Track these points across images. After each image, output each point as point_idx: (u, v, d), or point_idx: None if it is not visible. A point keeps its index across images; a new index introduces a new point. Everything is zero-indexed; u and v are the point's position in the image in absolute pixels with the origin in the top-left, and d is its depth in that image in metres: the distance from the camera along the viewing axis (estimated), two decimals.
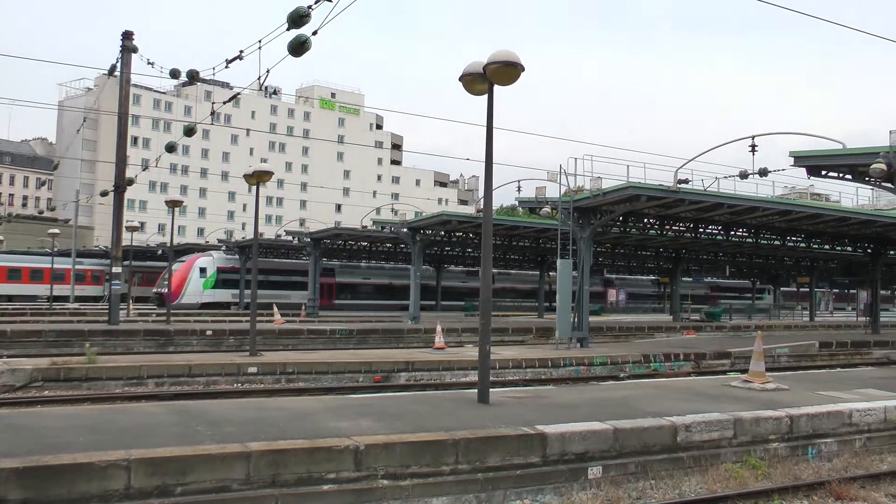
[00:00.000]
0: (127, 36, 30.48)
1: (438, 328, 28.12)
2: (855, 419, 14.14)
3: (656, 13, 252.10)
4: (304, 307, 49.89)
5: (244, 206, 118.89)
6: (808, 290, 65.77)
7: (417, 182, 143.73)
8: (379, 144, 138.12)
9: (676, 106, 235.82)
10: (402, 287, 56.62)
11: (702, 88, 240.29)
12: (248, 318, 23.05)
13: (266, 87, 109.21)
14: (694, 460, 11.87)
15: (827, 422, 13.70)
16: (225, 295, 59.23)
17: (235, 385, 20.46)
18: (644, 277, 76.92)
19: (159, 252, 64.89)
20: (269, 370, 21.52)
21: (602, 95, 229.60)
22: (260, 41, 18.83)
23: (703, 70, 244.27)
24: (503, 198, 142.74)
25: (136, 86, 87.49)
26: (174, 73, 24.77)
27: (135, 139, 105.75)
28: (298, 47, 16.17)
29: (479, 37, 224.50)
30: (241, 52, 19.94)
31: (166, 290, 45.24)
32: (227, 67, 20.61)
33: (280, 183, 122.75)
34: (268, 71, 19.47)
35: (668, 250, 50.73)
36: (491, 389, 14.43)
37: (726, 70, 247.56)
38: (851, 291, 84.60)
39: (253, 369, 21.25)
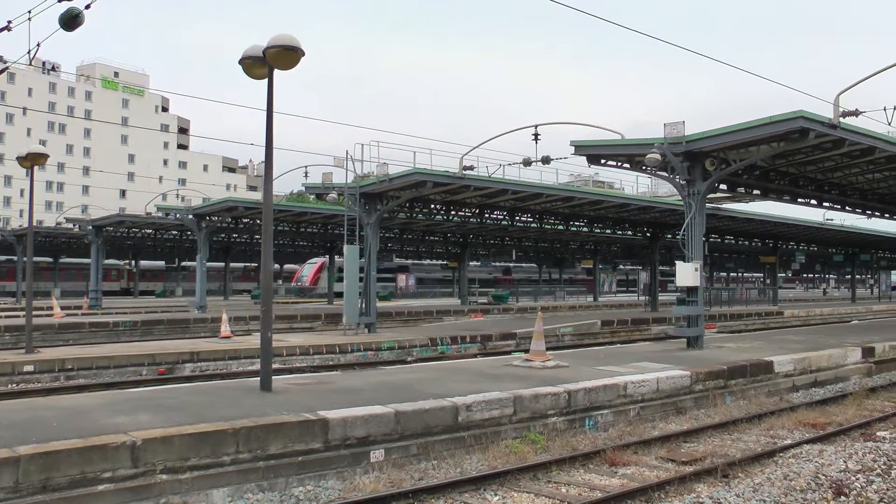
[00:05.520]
0: None
1: (224, 317, 27.61)
2: (630, 391, 14.80)
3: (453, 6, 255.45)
4: (85, 297, 48.06)
5: (21, 191, 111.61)
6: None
7: (205, 167, 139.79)
8: (165, 128, 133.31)
9: (467, 95, 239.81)
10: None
11: (496, 80, 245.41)
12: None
13: (44, 63, 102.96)
14: (475, 439, 12.06)
15: (603, 394, 14.25)
16: None
17: (10, 386, 19.26)
18: (433, 262, 78.02)
19: None
20: (47, 367, 20.50)
21: (397, 84, 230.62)
22: (30, 12, 17.78)
23: (498, 62, 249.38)
24: (293, 183, 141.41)
25: None
26: None
27: None
28: (70, 21, 15.33)
29: (272, 23, 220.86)
30: (10, 22, 18.76)
31: (304, 284, 65.70)
32: None
33: (61, 167, 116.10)
34: (38, 44, 18.41)
35: (455, 235, 51.56)
36: (276, 377, 14.28)
37: (523, 64, 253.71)
38: (633, 272, 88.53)
39: (29, 367, 20.13)
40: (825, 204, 30.78)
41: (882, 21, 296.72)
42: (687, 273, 21.45)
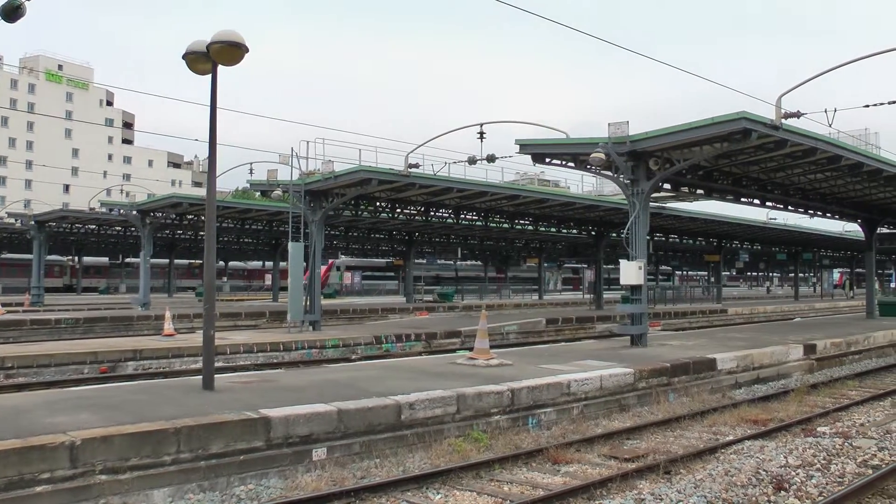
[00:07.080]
0: None
1: (167, 314, 27.33)
2: (573, 389, 14.82)
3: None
4: (27, 294, 47.31)
5: None
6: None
7: (150, 162, 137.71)
8: (109, 122, 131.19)
9: (418, 94, 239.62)
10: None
11: (442, 78, 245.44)
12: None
13: None
14: (418, 437, 12.02)
15: (547, 393, 14.26)
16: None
17: None
18: (380, 260, 78.06)
19: None
20: None
21: (343, 83, 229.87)
22: None
23: (445, 61, 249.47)
24: (238, 180, 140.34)
25: None
26: None
27: None
28: (11, 12, 14.95)
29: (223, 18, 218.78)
30: None
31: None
32: None
33: (3, 160, 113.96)
34: None
35: (401, 233, 51.50)
36: (219, 375, 14.17)
37: (479, 64, 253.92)
38: (579, 270, 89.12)
39: None
40: (768, 203, 31.08)
41: (824, 24, 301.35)
42: (631, 271, 21.55)
